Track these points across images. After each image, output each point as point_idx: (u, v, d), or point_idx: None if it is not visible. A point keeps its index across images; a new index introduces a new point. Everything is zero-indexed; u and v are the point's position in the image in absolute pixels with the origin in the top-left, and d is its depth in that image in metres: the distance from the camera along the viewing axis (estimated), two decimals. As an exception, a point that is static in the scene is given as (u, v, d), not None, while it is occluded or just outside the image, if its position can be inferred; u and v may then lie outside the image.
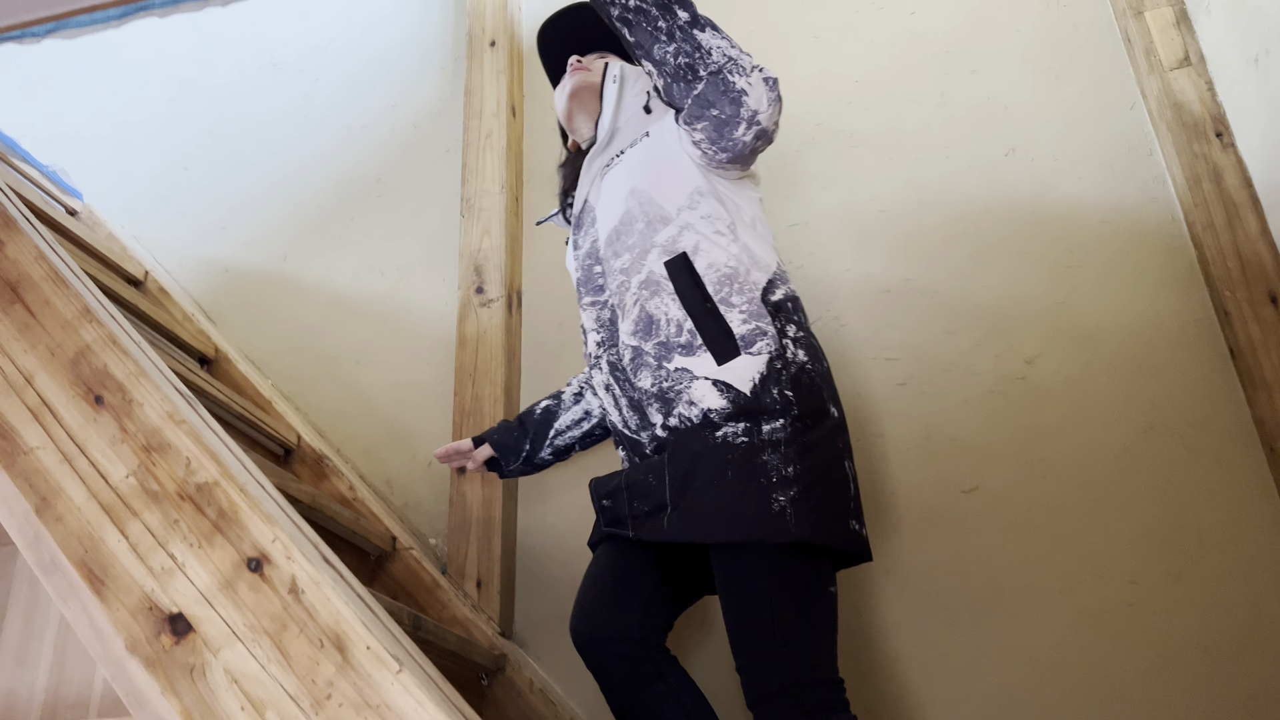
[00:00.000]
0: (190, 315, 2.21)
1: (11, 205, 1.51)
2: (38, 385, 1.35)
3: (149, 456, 1.26)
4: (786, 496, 1.29)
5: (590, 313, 1.57)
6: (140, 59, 2.70)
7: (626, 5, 1.43)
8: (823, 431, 1.37)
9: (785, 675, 1.26)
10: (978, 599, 1.70)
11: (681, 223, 1.47)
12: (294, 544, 1.18)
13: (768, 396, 1.35)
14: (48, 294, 1.41)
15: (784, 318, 1.43)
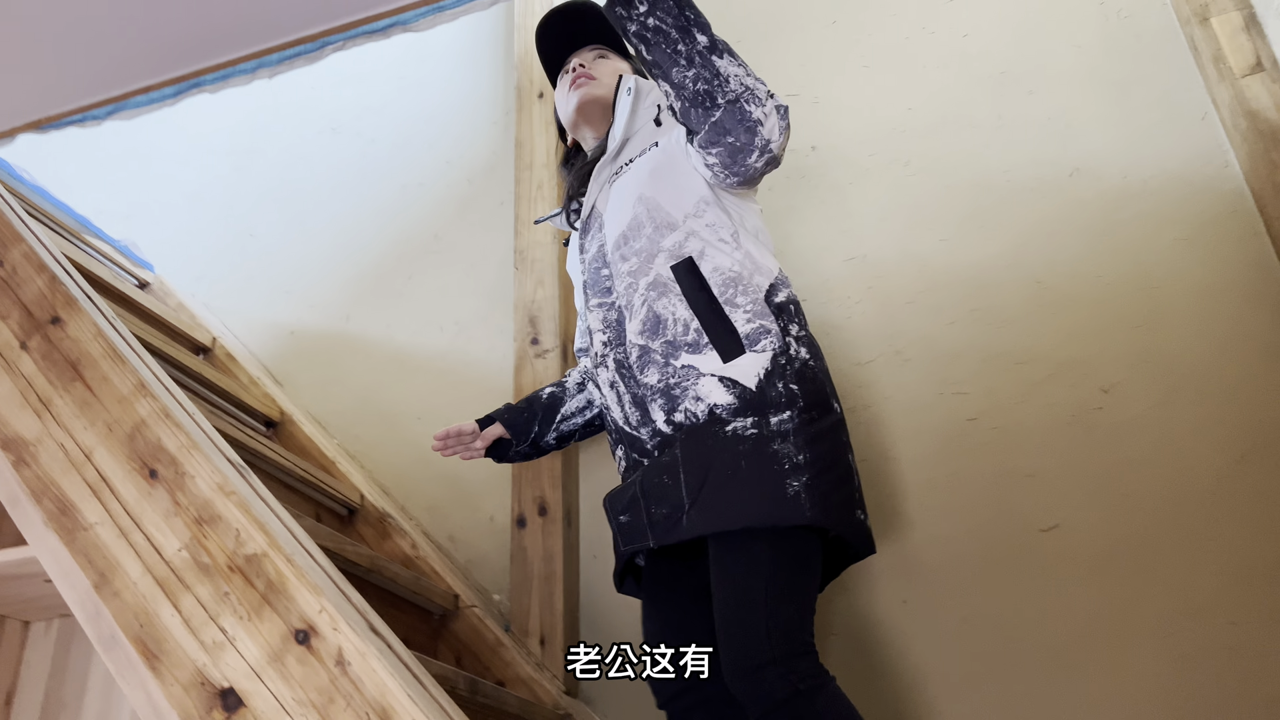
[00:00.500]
0: (257, 379, 2.25)
1: (74, 284, 1.55)
2: (96, 461, 1.37)
3: (200, 529, 1.26)
4: (800, 482, 1.34)
5: (597, 314, 1.61)
6: (206, 131, 2.79)
7: (645, 24, 1.43)
8: (827, 424, 1.42)
9: (778, 646, 1.28)
10: (1064, 647, 1.61)
11: (688, 229, 1.52)
12: (340, 614, 1.16)
13: (773, 390, 1.40)
14: (105, 370, 1.43)
15: (786, 318, 1.48)
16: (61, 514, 1.35)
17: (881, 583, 1.74)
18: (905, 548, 1.75)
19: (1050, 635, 1.62)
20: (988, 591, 1.68)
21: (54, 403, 1.44)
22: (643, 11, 1.42)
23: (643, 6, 1.42)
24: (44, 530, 1.35)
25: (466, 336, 2.24)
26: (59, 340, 1.49)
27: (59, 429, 1.41)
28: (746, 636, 1.30)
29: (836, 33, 2.24)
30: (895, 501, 1.79)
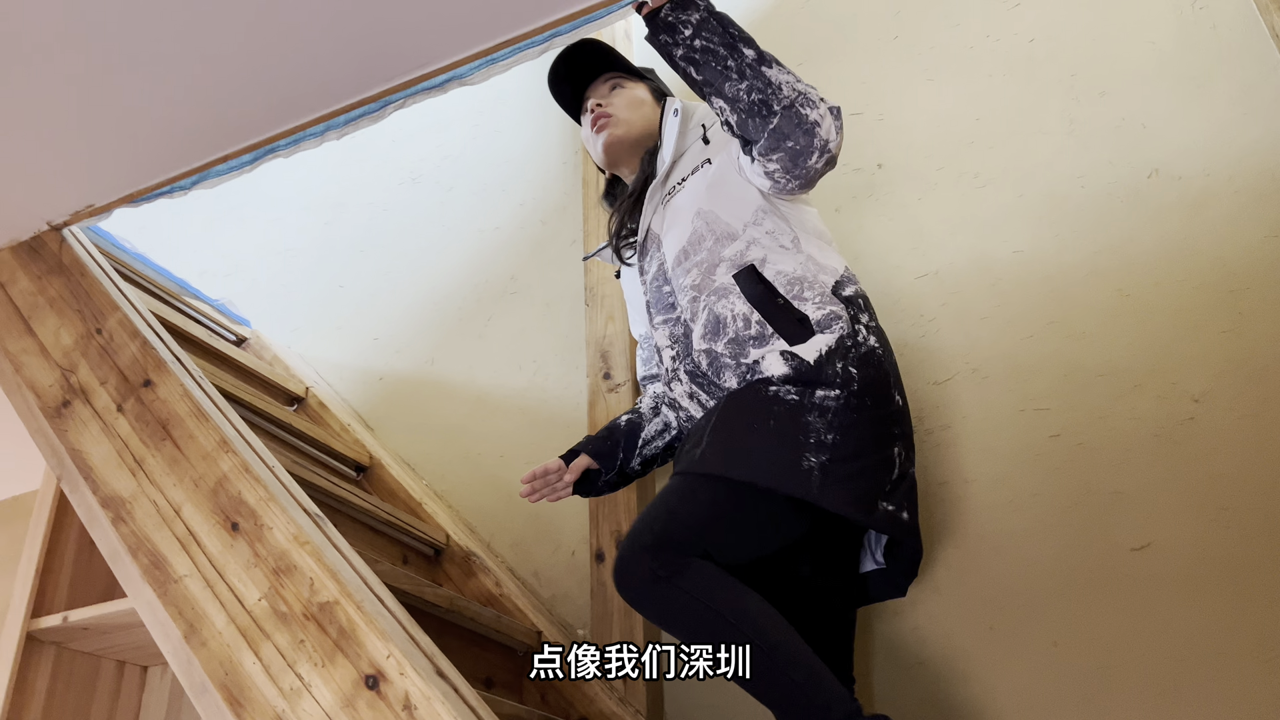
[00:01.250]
0: (347, 426, 2.34)
1: (163, 347, 1.65)
2: (185, 516, 1.45)
3: (278, 579, 1.32)
4: (818, 460, 1.37)
5: (663, 330, 1.66)
6: (297, 189, 2.93)
7: (692, 47, 1.48)
8: (879, 413, 1.44)
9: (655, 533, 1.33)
10: (1160, 672, 1.53)
11: (748, 238, 1.56)
12: (407, 659, 1.19)
13: (830, 368, 1.43)
14: (191, 429, 1.51)
15: (856, 308, 1.52)
16: (155, 567, 1.43)
17: (966, 609, 1.69)
18: (989, 572, 1.70)
19: (1146, 659, 1.54)
20: (1078, 615, 1.61)
21: (146, 461, 1.52)
22: (688, 36, 1.47)
23: (687, 31, 1.47)
24: (141, 583, 1.43)
25: (544, 374, 2.28)
26: (150, 402, 1.58)
27: (151, 486, 1.50)
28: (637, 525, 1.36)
29: (898, 47, 2.21)
30: (977, 524, 1.74)
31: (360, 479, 2.25)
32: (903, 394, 1.52)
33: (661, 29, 1.49)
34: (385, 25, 1.52)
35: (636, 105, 1.82)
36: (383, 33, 1.53)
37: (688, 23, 1.47)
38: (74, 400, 1.66)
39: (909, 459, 1.49)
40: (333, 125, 1.80)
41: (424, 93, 1.75)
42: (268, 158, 1.85)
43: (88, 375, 1.67)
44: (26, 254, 1.90)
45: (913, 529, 1.44)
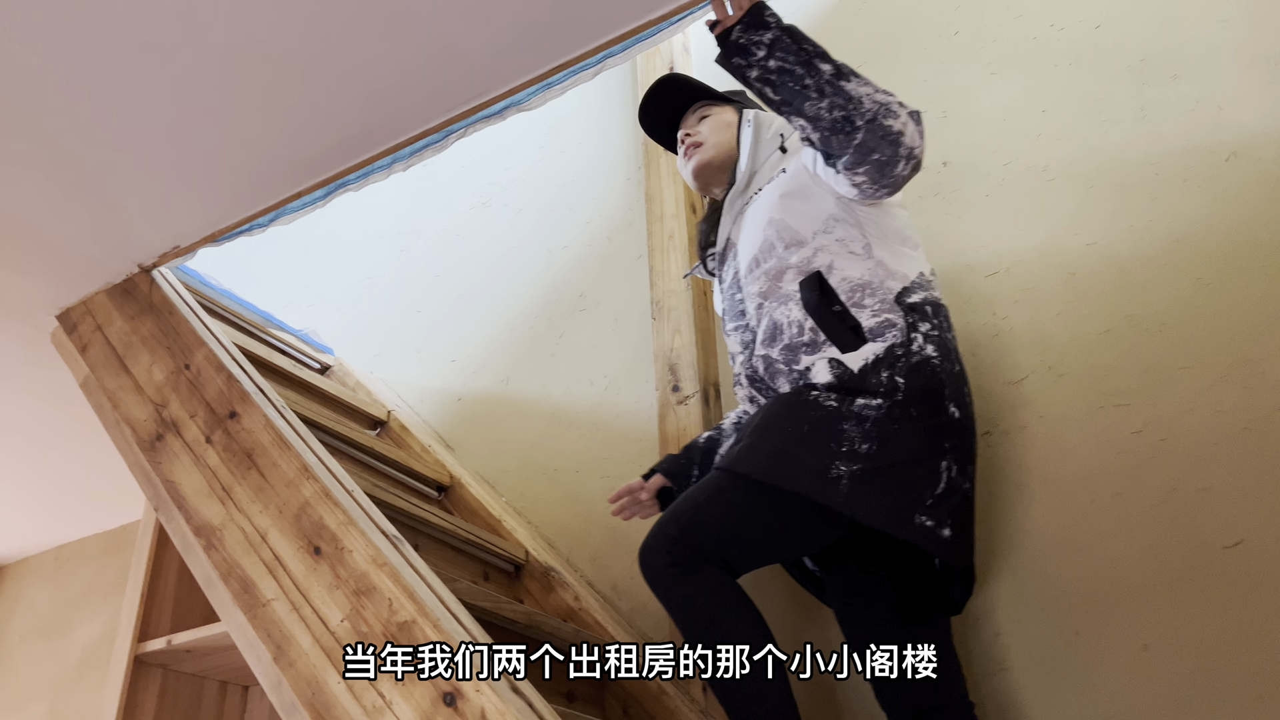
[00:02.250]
0: (428, 447, 2.39)
1: (247, 379, 1.71)
2: (271, 542, 1.50)
3: (358, 600, 1.36)
4: (849, 469, 1.37)
5: (735, 337, 1.68)
6: (374, 218, 3.02)
7: (767, 67, 1.46)
8: (926, 424, 1.41)
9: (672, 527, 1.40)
10: (1258, 674, 1.47)
11: (816, 245, 1.57)
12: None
13: (875, 377, 1.43)
14: (275, 457, 1.57)
15: (917, 315, 1.50)
16: (245, 592, 1.49)
17: (1050, 613, 1.65)
18: (1073, 574, 1.66)
19: (1243, 662, 1.48)
20: (1169, 617, 1.56)
21: (234, 490, 1.59)
22: (762, 56, 1.46)
23: (761, 52, 1.46)
24: (232, 608, 1.50)
25: (615, 389, 2.31)
26: (236, 432, 1.65)
27: (239, 514, 1.56)
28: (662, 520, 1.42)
29: (959, 43, 2.18)
30: (1059, 526, 1.70)
31: (442, 498, 2.31)
32: (962, 405, 1.48)
33: (734, 51, 1.47)
34: (443, 58, 1.56)
35: (723, 128, 1.82)
36: (441, 65, 1.58)
37: (760, 43, 1.45)
38: (166, 433, 1.75)
39: (962, 473, 1.44)
40: (399, 157, 1.86)
41: (483, 121, 1.80)
42: (339, 192, 1.91)
43: (178, 409, 1.76)
44: (120, 296, 2.01)
45: (953, 545, 1.38)
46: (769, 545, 1.48)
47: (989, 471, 1.80)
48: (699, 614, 1.36)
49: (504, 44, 1.56)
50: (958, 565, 1.43)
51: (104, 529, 3.10)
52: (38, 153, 1.68)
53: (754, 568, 1.47)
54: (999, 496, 1.77)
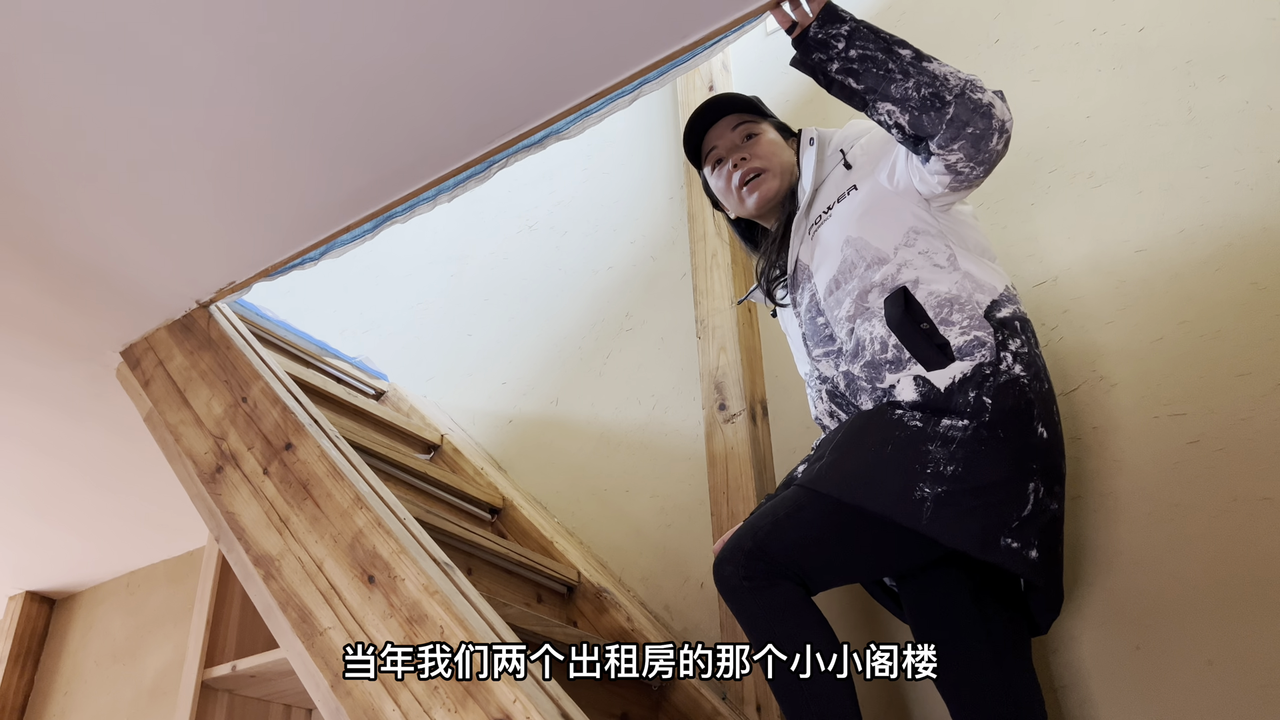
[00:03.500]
0: (481, 470, 2.43)
1: (301, 410, 1.76)
2: (327, 571, 1.54)
3: (411, 628, 1.39)
4: (933, 490, 1.35)
5: (825, 362, 1.65)
6: (424, 245, 3.07)
7: (849, 57, 1.46)
8: (1015, 445, 1.39)
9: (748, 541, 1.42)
10: (1330, 690, 1.43)
11: (900, 260, 1.53)
12: (533, 703, 1.24)
13: (961, 397, 1.41)
14: (329, 488, 1.61)
15: (1007, 332, 1.47)
16: (303, 620, 1.52)
17: (1109, 629, 1.62)
18: (1131, 589, 1.63)
19: (1312, 678, 1.44)
20: (1234, 631, 1.52)
21: (291, 520, 1.63)
22: (842, 48, 1.46)
23: (840, 44, 1.46)
24: (291, 636, 1.53)
25: (663, 408, 2.32)
26: (292, 464, 1.69)
27: (296, 544, 1.60)
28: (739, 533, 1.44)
29: (1000, 51, 2.16)
30: (1116, 539, 1.67)
31: (494, 520, 2.33)
32: (1051, 425, 1.45)
33: (813, 47, 1.48)
34: (480, 93, 1.60)
35: (778, 150, 1.75)
36: (478, 100, 1.61)
37: (839, 35, 1.46)
38: (226, 465, 1.80)
39: (1050, 494, 1.41)
40: (443, 189, 1.89)
41: (524, 150, 1.82)
42: (386, 225, 1.96)
43: (236, 441, 1.81)
44: (180, 332, 2.07)
45: (1042, 567, 1.37)
46: (847, 565, 1.48)
47: (1042, 484, 1.77)
48: (770, 628, 1.37)
49: (540, 76, 1.59)
50: (1044, 585, 1.39)
51: (172, 555, 3.18)
52: (97, 199, 1.75)
53: (831, 586, 1.47)
54: (1053, 510, 1.74)
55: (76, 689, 3.13)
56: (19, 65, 1.47)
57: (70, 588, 3.41)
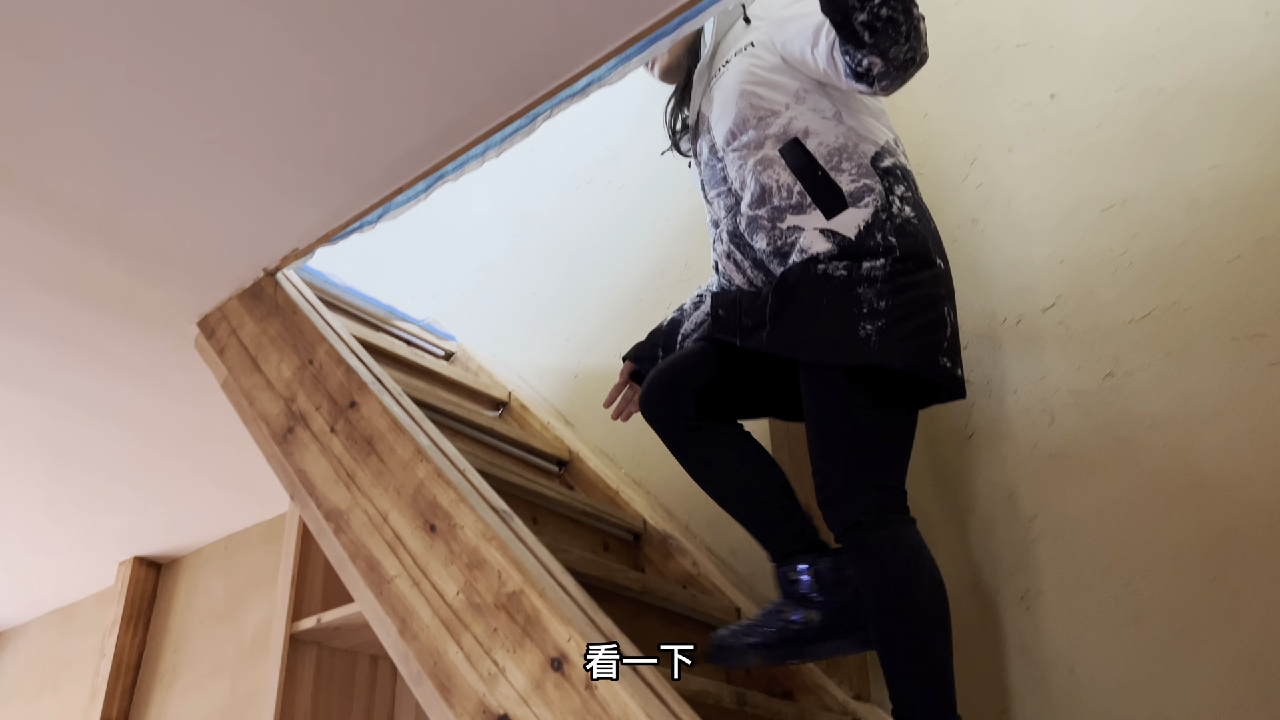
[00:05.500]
0: (547, 424, 2.46)
1: (364, 370, 1.80)
2: (391, 522, 1.58)
3: (471, 573, 1.42)
4: (874, 326, 1.47)
5: (717, 203, 1.77)
6: (487, 206, 3.10)
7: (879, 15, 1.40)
8: (924, 276, 1.53)
9: (850, 478, 1.47)
10: None
11: (790, 115, 1.65)
12: (587, 641, 1.26)
13: (871, 240, 1.53)
14: (391, 442, 1.65)
15: (892, 180, 1.60)
16: (371, 570, 1.57)
17: (1184, 560, 1.57)
18: (1208, 519, 1.57)
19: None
20: (1318, 559, 1.46)
21: (357, 475, 1.68)
22: (877, 4, 1.41)
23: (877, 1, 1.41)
24: (362, 586, 1.59)
25: (725, 356, 2.31)
26: (356, 421, 1.74)
27: (363, 497, 1.65)
28: (826, 470, 1.50)
29: (1061, -33, 2.06)
30: (1189, 468, 1.61)
31: (561, 473, 2.37)
32: (944, 257, 1.61)
33: None
34: (516, 45, 1.59)
35: None
36: (515, 53, 1.61)
37: None
38: (296, 426, 1.86)
39: (953, 314, 1.57)
40: (490, 145, 1.90)
41: (567, 100, 1.82)
42: (438, 184, 1.98)
43: (305, 402, 1.86)
44: (250, 300, 2.14)
45: (962, 385, 1.55)
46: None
47: (1114, 415, 1.72)
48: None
49: (575, 23, 1.58)
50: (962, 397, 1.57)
51: (264, 519, 3.32)
52: (167, 177, 1.81)
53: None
54: (1125, 440, 1.69)
55: (184, 647, 3.30)
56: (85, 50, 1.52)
57: (174, 552, 3.58)
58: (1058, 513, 1.73)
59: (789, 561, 1.60)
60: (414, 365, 2.37)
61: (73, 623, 3.88)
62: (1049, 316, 1.85)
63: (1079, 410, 1.76)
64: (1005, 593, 1.75)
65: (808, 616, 1.55)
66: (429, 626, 1.44)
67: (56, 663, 3.81)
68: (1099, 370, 1.76)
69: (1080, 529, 1.69)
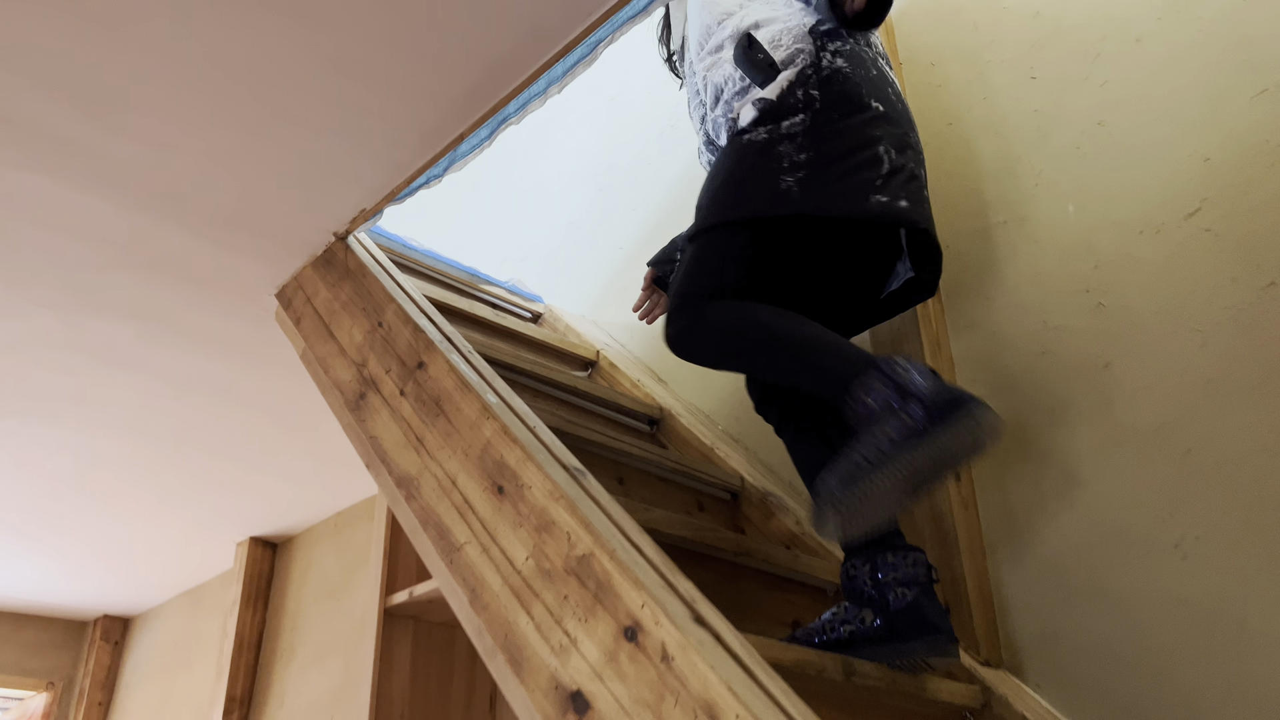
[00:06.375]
0: (638, 382, 2.32)
1: (432, 329, 1.70)
2: (460, 485, 1.48)
3: (539, 536, 1.30)
4: (794, 177, 1.46)
5: (695, 116, 1.79)
6: (570, 162, 2.97)
7: None
8: (853, 121, 1.51)
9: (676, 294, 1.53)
10: None
11: (744, 12, 1.67)
12: (661, 608, 1.13)
13: (792, 98, 1.53)
14: (458, 401, 1.54)
15: (828, 38, 1.59)
16: (441, 538, 1.47)
17: None
18: None
19: None
20: None
21: (426, 438, 1.58)
22: None
23: None
24: (434, 555, 1.49)
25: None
26: (424, 382, 1.64)
27: (432, 461, 1.55)
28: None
29: None
30: None
31: (653, 431, 2.23)
32: (885, 100, 1.56)
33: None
34: (565, -44, 1.45)
35: None
36: (564, -35, 1.47)
37: None
38: (368, 391, 1.77)
39: (904, 154, 1.52)
40: (551, 79, 1.77)
41: (629, 22, 1.67)
42: (501, 128, 1.86)
43: (375, 366, 1.78)
44: (323, 266, 2.07)
45: (911, 216, 1.47)
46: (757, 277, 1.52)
47: (1278, 331, 1.47)
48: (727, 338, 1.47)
49: (627, -74, 1.42)
50: (922, 226, 1.49)
51: (369, 494, 3.30)
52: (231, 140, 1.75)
53: None
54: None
55: (301, 625, 3.32)
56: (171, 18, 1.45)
57: (287, 531, 3.61)
58: (1216, 445, 1.49)
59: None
60: (496, 326, 2.27)
61: (201, 604, 3.98)
62: (1194, 223, 1.60)
63: (1235, 328, 1.52)
64: (1157, 538, 1.53)
65: (863, 615, 1.38)
66: (499, 596, 1.33)
67: (188, 642, 3.92)
68: (1257, 280, 1.51)
69: (1243, 462, 1.46)
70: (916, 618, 1.36)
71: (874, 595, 1.39)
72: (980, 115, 1.97)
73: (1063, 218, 1.78)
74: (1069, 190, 1.78)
